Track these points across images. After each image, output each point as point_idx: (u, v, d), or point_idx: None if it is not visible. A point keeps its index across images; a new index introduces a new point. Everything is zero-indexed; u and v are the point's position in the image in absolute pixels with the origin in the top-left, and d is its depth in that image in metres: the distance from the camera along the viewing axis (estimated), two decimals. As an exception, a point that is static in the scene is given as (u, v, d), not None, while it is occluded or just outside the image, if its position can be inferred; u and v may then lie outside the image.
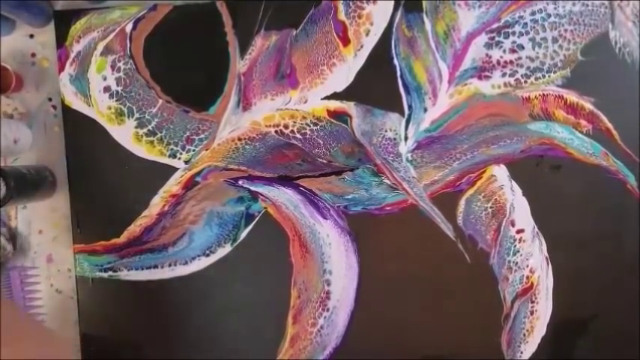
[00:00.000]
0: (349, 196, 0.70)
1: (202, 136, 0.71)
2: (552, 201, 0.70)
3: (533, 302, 0.70)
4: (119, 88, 0.71)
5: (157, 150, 0.71)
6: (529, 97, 0.70)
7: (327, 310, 0.70)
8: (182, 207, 0.71)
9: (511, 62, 0.69)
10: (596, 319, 0.70)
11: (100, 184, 0.71)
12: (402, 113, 0.70)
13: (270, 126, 0.70)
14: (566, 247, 0.70)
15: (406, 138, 0.70)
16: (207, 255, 0.71)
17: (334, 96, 0.70)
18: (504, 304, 0.70)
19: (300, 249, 0.70)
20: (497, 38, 0.69)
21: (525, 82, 0.69)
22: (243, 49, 0.70)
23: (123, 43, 0.71)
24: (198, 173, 0.71)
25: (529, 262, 0.70)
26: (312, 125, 0.70)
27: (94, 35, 0.71)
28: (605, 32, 0.69)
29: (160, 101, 0.70)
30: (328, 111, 0.70)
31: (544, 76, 0.69)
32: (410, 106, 0.70)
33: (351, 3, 0.69)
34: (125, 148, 0.71)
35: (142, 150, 0.71)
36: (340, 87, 0.70)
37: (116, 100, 0.71)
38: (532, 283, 0.70)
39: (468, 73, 0.69)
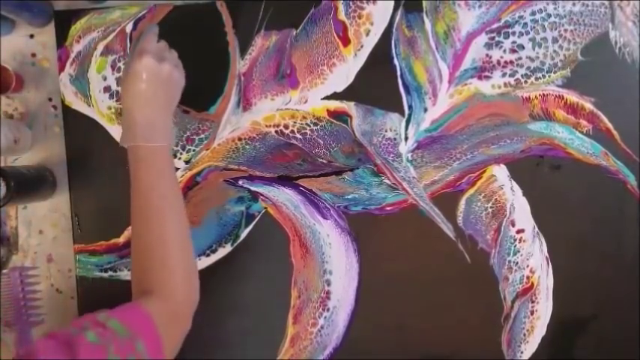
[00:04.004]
0: (349, 196, 0.70)
1: (202, 136, 0.71)
2: (552, 201, 0.70)
3: (533, 302, 0.70)
4: (119, 88, 0.71)
5: (157, 150, 0.71)
6: (529, 97, 0.70)
7: (328, 310, 0.70)
8: (182, 207, 0.71)
9: (511, 62, 0.69)
10: (596, 319, 0.70)
11: (100, 184, 0.71)
12: (402, 113, 0.70)
13: (270, 126, 0.70)
14: (566, 247, 0.70)
15: (406, 138, 0.70)
16: (208, 255, 0.71)
17: (334, 96, 0.70)
18: (504, 304, 0.70)
19: (301, 249, 0.70)
20: (497, 38, 0.69)
21: (525, 82, 0.69)
22: (243, 49, 0.70)
23: (123, 43, 0.71)
24: (198, 173, 0.71)
25: (529, 262, 0.70)
26: (312, 125, 0.70)
27: (94, 35, 0.71)
28: (605, 32, 0.69)
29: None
30: (328, 111, 0.70)
31: (544, 76, 0.69)
32: (410, 106, 0.70)
33: (351, 3, 0.69)
34: (125, 148, 0.71)
35: (142, 150, 0.71)
36: (340, 87, 0.70)
37: (116, 100, 0.71)
38: (532, 283, 0.70)
39: (468, 73, 0.69)
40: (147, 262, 0.52)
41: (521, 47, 0.69)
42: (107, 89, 0.71)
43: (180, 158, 0.71)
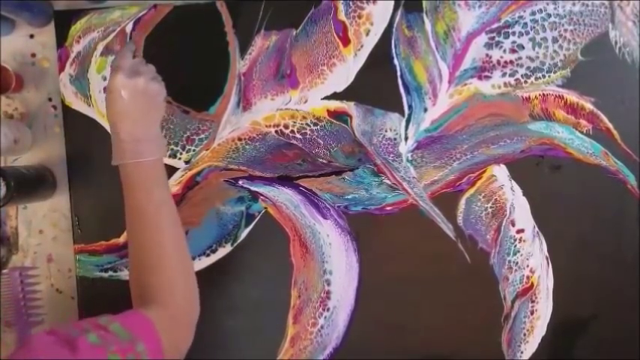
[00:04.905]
0: (349, 196, 0.70)
1: (202, 136, 0.71)
2: (552, 201, 0.70)
3: (533, 302, 0.70)
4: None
5: (157, 150, 0.71)
6: (529, 97, 0.70)
7: (328, 310, 0.70)
8: (182, 207, 0.71)
9: (511, 62, 0.69)
10: (596, 319, 0.70)
11: (100, 184, 0.71)
12: (402, 113, 0.70)
13: (270, 126, 0.70)
14: (566, 247, 0.70)
15: (406, 138, 0.70)
16: (208, 255, 0.71)
17: (334, 96, 0.70)
18: (504, 303, 0.70)
19: (301, 249, 0.70)
20: (497, 38, 0.69)
21: (525, 82, 0.69)
22: (243, 49, 0.70)
23: (123, 44, 0.71)
24: (198, 173, 0.71)
25: (529, 262, 0.70)
26: (312, 125, 0.70)
27: (94, 35, 0.71)
28: (605, 32, 0.69)
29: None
30: (328, 111, 0.70)
31: (544, 76, 0.69)
32: (410, 106, 0.70)
33: (351, 3, 0.69)
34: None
35: (142, 150, 0.71)
36: (340, 87, 0.70)
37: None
38: (532, 283, 0.70)
39: (468, 73, 0.69)
40: (145, 274, 0.53)
41: (521, 47, 0.69)
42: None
43: (180, 158, 0.71)
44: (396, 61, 0.69)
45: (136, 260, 0.54)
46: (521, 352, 0.70)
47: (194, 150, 0.71)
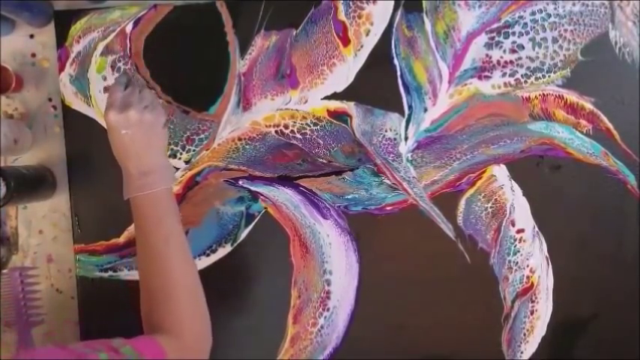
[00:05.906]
0: (349, 196, 0.70)
1: (202, 136, 0.71)
2: (552, 201, 0.70)
3: (533, 302, 0.70)
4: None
5: (157, 150, 0.71)
6: (529, 97, 0.70)
7: (328, 309, 0.70)
8: (182, 207, 0.71)
9: (511, 62, 0.69)
10: (596, 319, 0.71)
11: (100, 184, 0.71)
12: (402, 113, 0.70)
13: (270, 126, 0.70)
14: (566, 247, 0.70)
15: (406, 138, 0.70)
16: (208, 255, 0.71)
17: (334, 96, 0.70)
18: (504, 303, 0.70)
19: (301, 249, 0.70)
20: (497, 38, 0.69)
21: (525, 82, 0.69)
22: (243, 49, 0.70)
23: (123, 44, 0.71)
24: (198, 173, 0.71)
25: (529, 262, 0.70)
26: (312, 125, 0.70)
27: (94, 35, 0.71)
28: (605, 32, 0.69)
29: (160, 101, 0.70)
30: (328, 111, 0.70)
31: (544, 76, 0.69)
32: (410, 106, 0.70)
33: (351, 3, 0.69)
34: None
35: (142, 150, 0.71)
36: (340, 87, 0.70)
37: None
38: (532, 283, 0.70)
39: (468, 73, 0.69)
40: (154, 304, 0.53)
41: (521, 47, 0.69)
42: (107, 89, 0.71)
43: (180, 158, 0.71)
44: (396, 61, 0.70)
45: (145, 290, 0.54)
46: (521, 352, 0.70)
47: (194, 150, 0.71)
